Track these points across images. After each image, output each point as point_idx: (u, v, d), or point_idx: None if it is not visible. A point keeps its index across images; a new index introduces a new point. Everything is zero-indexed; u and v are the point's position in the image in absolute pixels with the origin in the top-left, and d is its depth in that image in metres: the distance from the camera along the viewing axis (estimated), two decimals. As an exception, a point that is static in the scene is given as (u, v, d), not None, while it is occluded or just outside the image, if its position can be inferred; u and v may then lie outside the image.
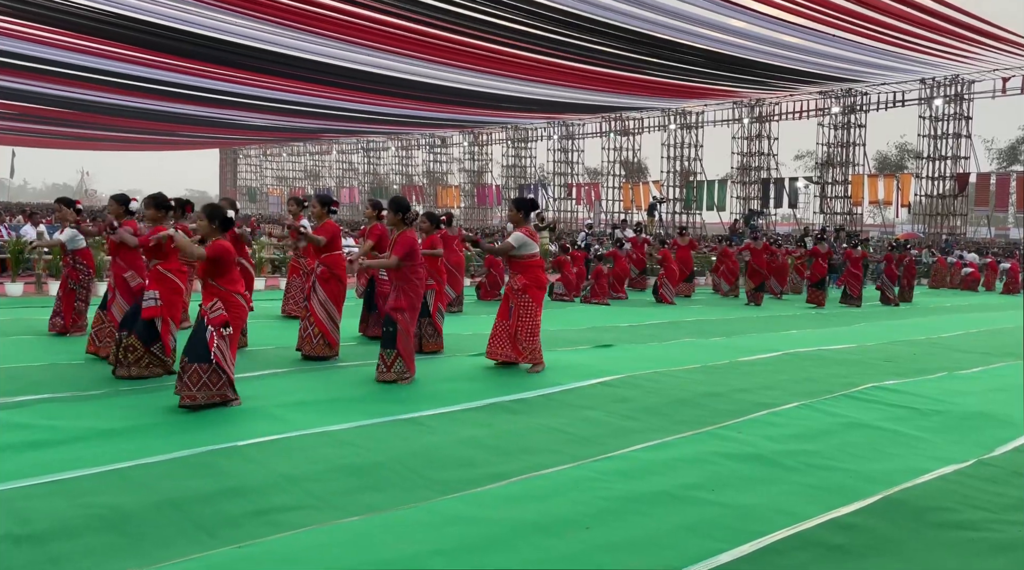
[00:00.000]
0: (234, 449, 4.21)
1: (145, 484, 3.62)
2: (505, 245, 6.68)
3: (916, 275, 17.68)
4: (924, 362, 7.94)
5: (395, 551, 2.98)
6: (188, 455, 4.07)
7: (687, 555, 3.03)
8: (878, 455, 4.52)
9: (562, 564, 2.92)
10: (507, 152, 53.76)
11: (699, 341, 9.09)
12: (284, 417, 4.87)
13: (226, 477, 3.76)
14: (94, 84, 26.50)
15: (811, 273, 15.21)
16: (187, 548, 2.95)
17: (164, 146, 63.19)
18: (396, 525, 3.25)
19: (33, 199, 75.59)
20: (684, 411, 5.42)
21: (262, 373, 6.28)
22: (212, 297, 4.97)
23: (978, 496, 3.85)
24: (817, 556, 3.07)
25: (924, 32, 20.44)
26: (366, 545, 3.03)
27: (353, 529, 3.19)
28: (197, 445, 4.22)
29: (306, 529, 3.17)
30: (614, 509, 3.52)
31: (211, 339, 4.84)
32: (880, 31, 19.90)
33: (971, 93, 34.74)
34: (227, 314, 4.95)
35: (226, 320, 4.93)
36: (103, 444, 4.21)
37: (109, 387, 5.49)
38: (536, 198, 42.77)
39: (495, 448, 4.40)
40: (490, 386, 6.02)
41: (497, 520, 3.32)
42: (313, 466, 3.97)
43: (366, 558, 2.91)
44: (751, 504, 3.62)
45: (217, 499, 3.47)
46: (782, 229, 42.16)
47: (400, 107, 33.10)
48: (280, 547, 2.99)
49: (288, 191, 68.58)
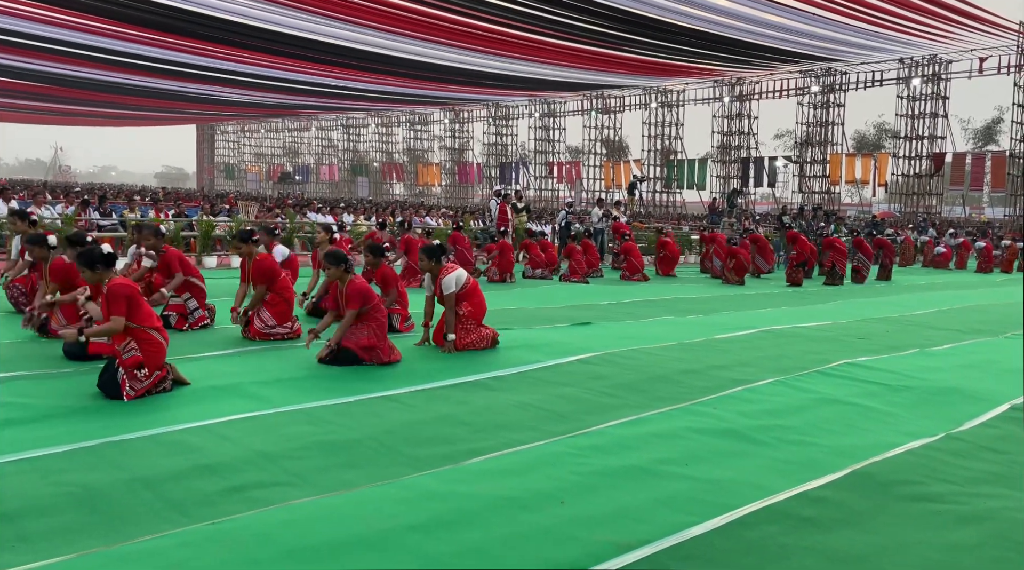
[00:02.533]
0: (208, 427, 4.18)
1: (117, 462, 3.59)
2: (448, 299, 6.49)
3: (894, 253, 17.83)
4: (897, 339, 8.05)
5: (370, 526, 2.99)
6: (161, 433, 4.04)
7: (660, 528, 3.07)
8: (849, 430, 4.59)
9: (537, 537, 2.95)
10: (488, 130, 53.47)
11: (676, 319, 9.15)
12: (259, 395, 4.85)
13: (199, 454, 3.74)
14: (68, 58, 25.95)
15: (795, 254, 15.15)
16: (159, 525, 2.94)
17: (140, 122, 62.20)
18: (372, 501, 3.26)
19: (6, 175, 74.10)
20: (660, 388, 5.46)
21: (237, 351, 6.25)
22: (124, 337, 4.67)
23: (945, 469, 3.93)
24: (786, 528, 3.13)
25: (903, 11, 20.49)
26: (341, 521, 3.04)
27: (329, 505, 3.20)
28: (170, 423, 4.20)
29: (281, 505, 3.17)
30: (589, 483, 3.55)
31: (123, 382, 4.59)
32: (859, 10, 19.93)
33: (948, 73, 34.99)
34: (141, 355, 4.65)
35: (140, 361, 4.64)
36: (74, 422, 4.17)
37: (79, 365, 5.43)
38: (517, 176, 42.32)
39: (471, 425, 4.41)
40: (467, 364, 6.03)
41: (473, 495, 3.33)
42: (288, 443, 3.96)
43: (341, 533, 2.92)
44: (724, 478, 3.67)
45: (190, 476, 3.46)
46: (761, 208, 42.39)
47: (380, 84, 32.78)
48: (254, 523, 2.99)
49: (267, 168, 67.87)
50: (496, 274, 12.91)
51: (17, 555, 2.66)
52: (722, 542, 2.98)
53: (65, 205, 17.06)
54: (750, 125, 41.08)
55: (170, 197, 26.75)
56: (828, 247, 15.53)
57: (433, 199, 52.65)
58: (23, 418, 4.18)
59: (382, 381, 5.36)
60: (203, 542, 2.81)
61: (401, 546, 2.84)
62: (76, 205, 16.24)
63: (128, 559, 2.66)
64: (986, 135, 49.78)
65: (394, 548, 2.82)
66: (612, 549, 2.86)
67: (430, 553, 2.80)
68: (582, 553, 2.83)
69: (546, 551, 2.84)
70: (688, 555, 2.86)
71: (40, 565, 2.59)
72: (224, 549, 2.75)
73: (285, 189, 54.95)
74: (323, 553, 2.76)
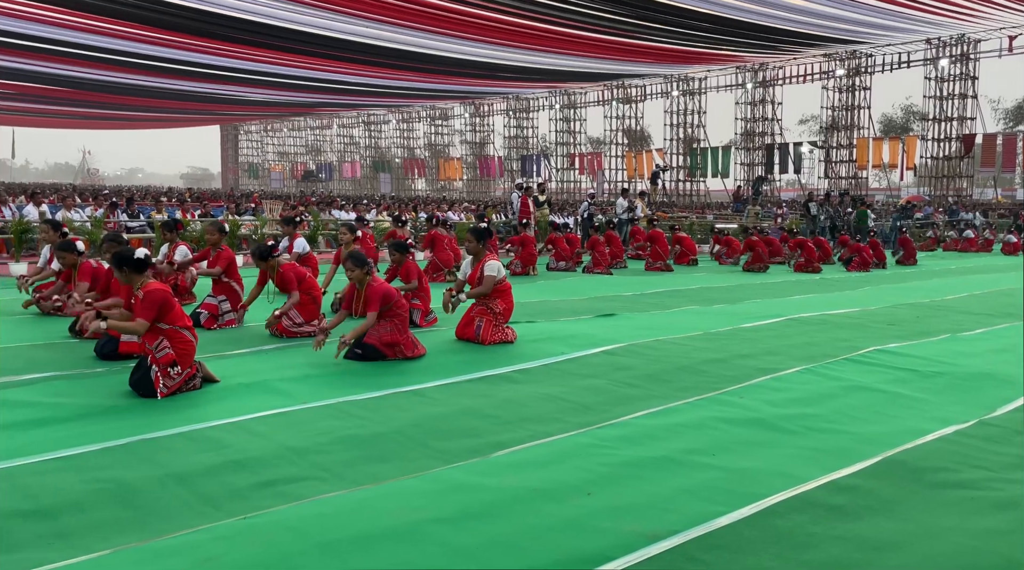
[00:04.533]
0: (238, 423, 4.24)
1: (150, 459, 3.66)
2: (487, 281, 6.58)
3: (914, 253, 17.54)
4: (927, 324, 7.93)
5: (398, 519, 3.01)
6: (192, 430, 4.11)
7: (687, 518, 3.06)
8: (879, 417, 4.54)
9: (565, 529, 2.96)
10: (509, 123, 53.39)
11: (701, 308, 9.09)
12: (287, 391, 4.90)
13: (231, 450, 3.80)
14: (94, 62, 26.34)
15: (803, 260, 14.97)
16: (193, 520, 2.99)
17: (165, 124, 62.93)
18: (399, 494, 3.29)
19: (35, 179, 75.53)
20: (686, 378, 5.44)
21: (264, 348, 6.32)
22: (157, 336, 4.76)
23: (978, 455, 3.87)
24: (816, 517, 3.10)
25: (929, -9, 20.11)
26: (370, 514, 3.07)
27: (357, 498, 3.23)
28: (202, 420, 4.26)
29: (311, 499, 3.21)
30: (615, 474, 3.55)
31: (156, 379, 4.69)
32: (885, -10, 19.58)
33: (977, 52, 34.29)
34: (174, 353, 4.75)
35: (173, 359, 4.74)
36: (108, 420, 4.25)
37: (112, 365, 5.53)
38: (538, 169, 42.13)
39: (497, 417, 4.43)
40: (491, 357, 6.04)
41: (499, 487, 3.35)
42: (317, 438, 4.00)
43: (370, 526, 2.95)
44: (751, 468, 3.65)
45: (222, 472, 3.51)
46: (786, 194, 41.94)
47: (400, 79, 32.83)
48: (285, 517, 3.03)
49: (291, 167, 68.40)
50: (519, 267, 12.90)
51: (56, 552, 2.72)
52: (751, 531, 2.96)
53: (94, 208, 17.34)
54: (774, 111, 40.60)
55: (196, 197, 27.09)
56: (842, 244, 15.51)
57: (455, 193, 52.72)
58: (58, 417, 4.27)
59: (407, 375, 5.39)
60: (236, 536, 2.85)
61: (429, 538, 2.86)
62: (105, 207, 16.51)
63: (163, 554, 2.71)
64: (1017, 115, 48.77)
65: (422, 540, 2.85)
66: (640, 540, 2.86)
67: (458, 545, 2.82)
68: (609, 544, 2.83)
69: (573, 542, 2.85)
70: (717, 545, 2.85)
71: (78, 561, 2.65)
72: (256, 543, 2.80)
73: (308, 187, 55.35)
74: (353, 545, 2.79)
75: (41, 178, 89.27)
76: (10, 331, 6.79)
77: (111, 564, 2.65)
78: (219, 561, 2.66)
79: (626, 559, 2.72)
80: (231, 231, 14.68)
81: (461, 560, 2.72)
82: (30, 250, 12.42)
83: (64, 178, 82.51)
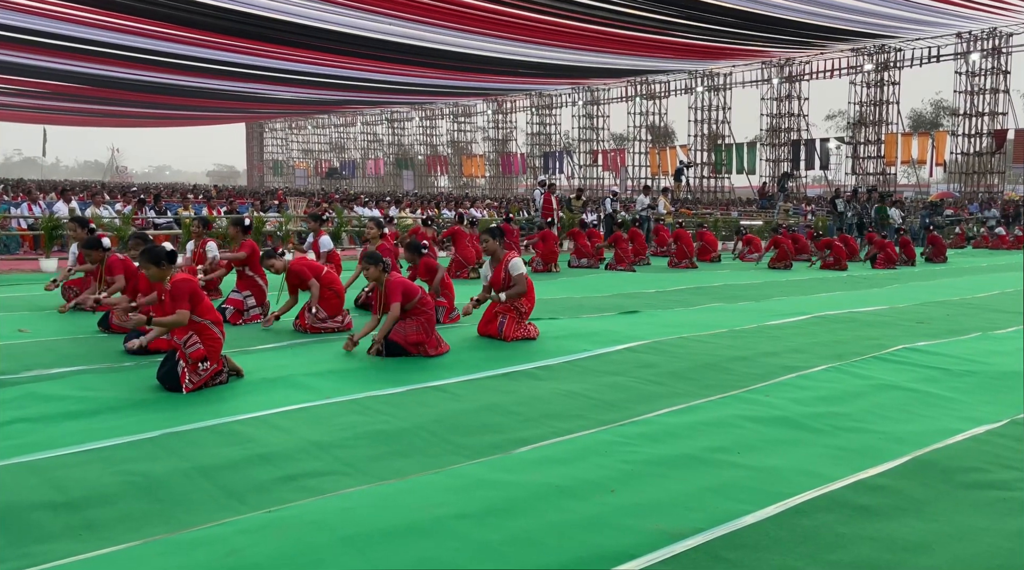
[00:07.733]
0: (263, 418, 4.28)
1: (177, 452, 3.70)
2: (519, 279, 6.56)
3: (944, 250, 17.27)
4: (957, 322, 7.79)
5: (421, 514, 3.02)
6: (218, 424, 4.15)
7: (712, 516, 3.03)
8: (908, 416, 4.47)
9: (587, 526, 2.94)
10: (531, 119, 53.30)
11: (726, 306, 9.02)
12: (312, 386, 4.93)
13: (255, 444, 3.83)
14: (123, 61, 26.73)
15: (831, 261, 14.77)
16: (218, 513, 3.02)
17: (192, 122, 63.69)
18: (422, 489, 3.29)
19: (66, 177, 76.74)
20: (710, 375, 5.39)
21: (289, 343, 6.36)
22: (187, 331, 4.80)
23: (1010, 455, 3.79)
24: (843, 517, 3.06)
25: (960, -16, 19.77)
26: (393, 508, 3.08)
27: (380, 493, 3.24)
28: (227, 414, 4.30)
29: (334, 494, 3.22)
30: (639, 472, 3.52)
31: (183, 374, 4.72)
32: (914, -16, 19.28)
33: (1009, 46, 33.62)
34: (204, 348, 4.79)
35: (203, 355, 4.78)
36: (136, 414, 4.30)
37: (140, 359, 5.60)
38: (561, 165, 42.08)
39: (519, 414, 4.42)
40: (514, 354, 6.04)
41: (522, 484, 3.34)
42: (341, 433, 4.02)
43: (393, 521, 2.95)
44: (777, 466, 3.60)
45: (247, 466, 3.54)
46: (813, 191, 41.47)
47: (423, 76, 32.91)
48: (309, 511, 3.05)
49: (315, 164, 68.88)
50: (540, 264, 12.89)
51: (84, 543, 2.76)
52: (776, 531, 2.93)
53: (123, 205, 17.60)
54: (800, 106, 40.15)
55: (222, 194, 27.37)
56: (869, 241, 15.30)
57: (477, 190, 52.77)
58: (87, 410, 4.33)
59: (431, 371, 5.40)
60: (260, 529, 2.87)
61: (452, 533, 2.86)
62: (133, 204, 16.74)
63: (189, 545, 2.74)
64: (1051, 110, 47.68)
65: (445, 535, 2.85)
66: (663, 538, 2.84)
67: (480, 540, 2.81)
68: (633, 541, 2.81)
69: (596, 539, 2.83)
70: (742, 544, 2.82)
71: (106, 552, 2.69)
72: (280, 536, 2.81)
73: (332, 184, 55.70)
74: (376, 539, 2.80)
75: (71, 175, 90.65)
76: (40, 325, 6.91)
77: (138, 556, 2.68)
78: (243, 554, 2.68)
79: (650, 557, 2.70)
80: (255, 228, 14.83)
81: (483, 556, 2.71)
82: (60, 247, 12.62)
83: (93, 176, 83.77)
